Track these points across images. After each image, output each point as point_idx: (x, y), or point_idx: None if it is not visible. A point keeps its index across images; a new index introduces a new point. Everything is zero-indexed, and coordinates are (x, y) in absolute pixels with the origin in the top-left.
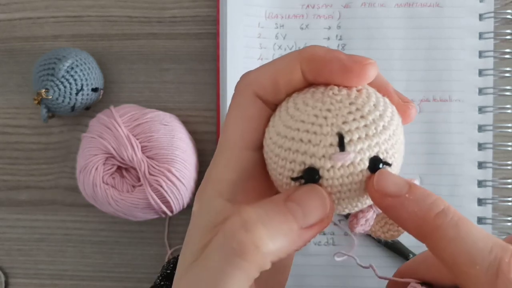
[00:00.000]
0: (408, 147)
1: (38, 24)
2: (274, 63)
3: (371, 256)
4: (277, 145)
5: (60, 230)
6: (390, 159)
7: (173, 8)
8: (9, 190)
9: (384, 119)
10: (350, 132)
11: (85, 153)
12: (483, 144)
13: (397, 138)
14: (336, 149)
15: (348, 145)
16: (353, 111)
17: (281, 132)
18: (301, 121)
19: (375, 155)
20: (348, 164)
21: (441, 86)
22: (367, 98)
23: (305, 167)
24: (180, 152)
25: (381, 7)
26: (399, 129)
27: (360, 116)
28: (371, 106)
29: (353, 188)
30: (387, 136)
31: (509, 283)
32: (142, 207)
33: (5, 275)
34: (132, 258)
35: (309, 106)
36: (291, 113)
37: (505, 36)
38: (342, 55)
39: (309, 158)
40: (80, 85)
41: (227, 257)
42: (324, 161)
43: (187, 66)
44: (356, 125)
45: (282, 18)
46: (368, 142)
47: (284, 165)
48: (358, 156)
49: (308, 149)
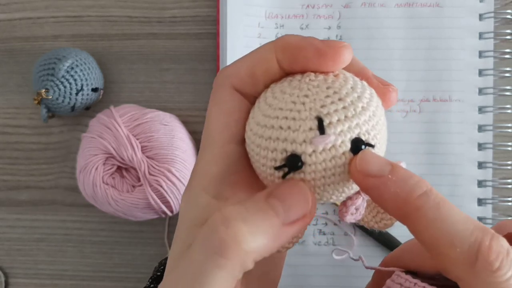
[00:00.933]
0: (408, 147)
1: (38, 24)
2: (250, 55)
3: (371, 256)
4: (258, 136)
5: (60, 230)
6: (372, 140)
7: (173, 8)
8: (9, 190)
9: (362, 100)
10: (329, 115)
11: (85, 153)
12: (483, 144)
13: (378, 119)
14: (316, 133)
15: (328, 127)
16: (331, 94)
17: (261, 122)
18: (279, 108)
19: (357, 136)
20: (329, 147)
21: (441, 86)
22: (344, 81)
23: (287, 155)
24: (180, 152)
25: (381, 7)
26: (379, 110)
27: (338, 99)
28: (349, 88)
29: (337, 172)
30: (367, 117)
31: (488, 265)
32: (142, 207)
33: (5, 275)
34: (132, 258)
35: (286, 93)
36: (269, 102)
37: (505, 36)
38: (316, 40)
39: (290, 145)
40: (80, 85)
41: (208, 255)
42: (305, 146)
43: (187, 66)
44: (334, 107)
45: (282, 18)
46: (348, 124)
47: (266, 155)
48: (339, 138)
49: (288, 135)
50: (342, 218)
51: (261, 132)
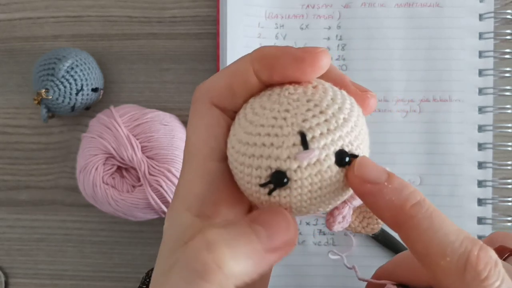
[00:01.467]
0: (408, 147)
1: (38, 24)
2: (227, 69)
3: (370, 256)
4: (241, 153)
5: (60, 230)
6: (356, 150)
7: (173, 8)
8: (9, 190)
9: (343, 111)
10: (311, 129)
11: (85, 153)
12: (483, 144)
13: (360, 129)
14: (300, 148)
15: (311, 142)
16: (312, 107)
17: (243, 139)
18: (261, 125)
19: (340, 148)
20: (314, 162)
21: (441, 86)
22: (324, 93)
23: (271, 171)
24: (180, 152)
25: (381, 7)
26: (360, 119)
27: (320, 112)
28: (329, 100)
29: (323, 185)
30: (349, 128)
31: (476, 275)
32: (142, 207)
33: (5, 275)
34: (132, 258)
35: (266, 109)
36: (250, 119)
37: (505, 36)
38: (293, 48)
39: (274, 162)
40: (80, 85)
41: (190, 279)
42: (289, 162)
43: (187, 66)
44: (316, 121)
45: (282, 18)
46: (331, 137)
47: (251, 172)
48: (323, 152)
49: (272, 152)
50: (330, 228)
51: (244, 149)
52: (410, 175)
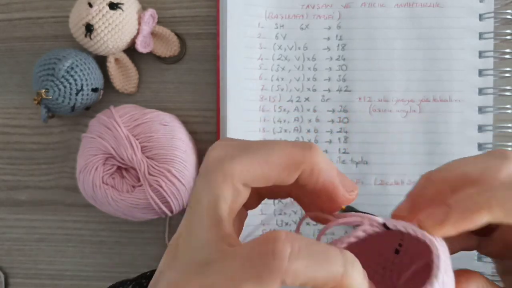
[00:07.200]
0: (408, 147)
1: (38, 24)
2: (267, 155)
3: None
4: None
5: (60, 230)
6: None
7: (173, 8)
8: (9, 190)
9: None
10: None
11: (85, 153)
12: (483, 144)
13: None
14: None
15: None
16: None
17: None
18: None
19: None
20: None
21: (441, 86)
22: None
23: None
24: (179, 152)
25: (381, 7)
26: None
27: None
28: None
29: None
30: None
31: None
32: (142, 207)
33: (5, 275)
34: (132, 258)
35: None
36: None
37: (505, 36)
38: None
39: None
40: (80, 85)
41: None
42: None
43: (187, 66)
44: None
45: (282, 18)
46: None
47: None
48: None
49: None
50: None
51: None
52: (410, 175)
